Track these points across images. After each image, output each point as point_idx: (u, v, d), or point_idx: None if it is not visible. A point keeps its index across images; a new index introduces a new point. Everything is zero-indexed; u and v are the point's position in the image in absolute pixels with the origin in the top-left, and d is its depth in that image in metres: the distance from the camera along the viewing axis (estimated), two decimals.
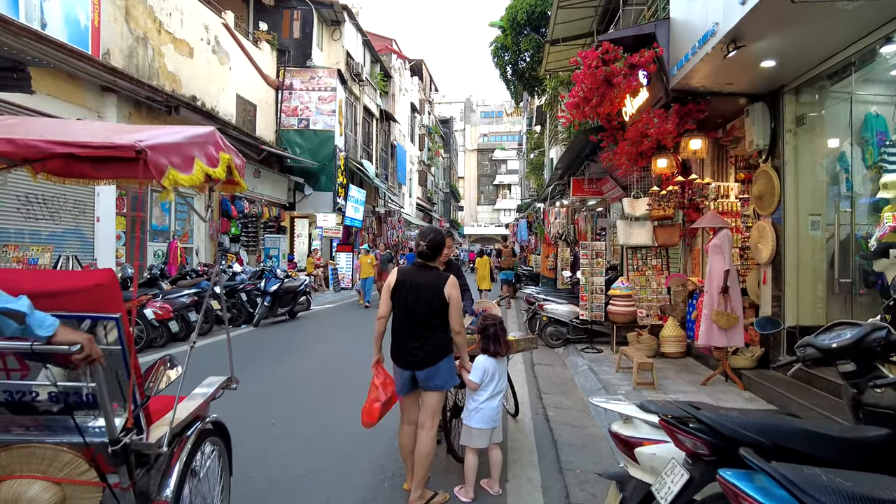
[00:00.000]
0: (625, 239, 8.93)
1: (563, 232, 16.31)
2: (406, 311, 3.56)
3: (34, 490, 2.06)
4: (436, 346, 3.50)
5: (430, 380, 3.52)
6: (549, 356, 8.75)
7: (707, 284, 6.52)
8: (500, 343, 3.73)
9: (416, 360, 3.50)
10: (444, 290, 3.49)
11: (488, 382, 3.67)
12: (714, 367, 7.27)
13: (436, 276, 3.58)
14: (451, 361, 3.60)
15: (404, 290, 3.57)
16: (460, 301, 3.57)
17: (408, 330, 3.55)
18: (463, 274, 4.61)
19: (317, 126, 19.80)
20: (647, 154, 8.30)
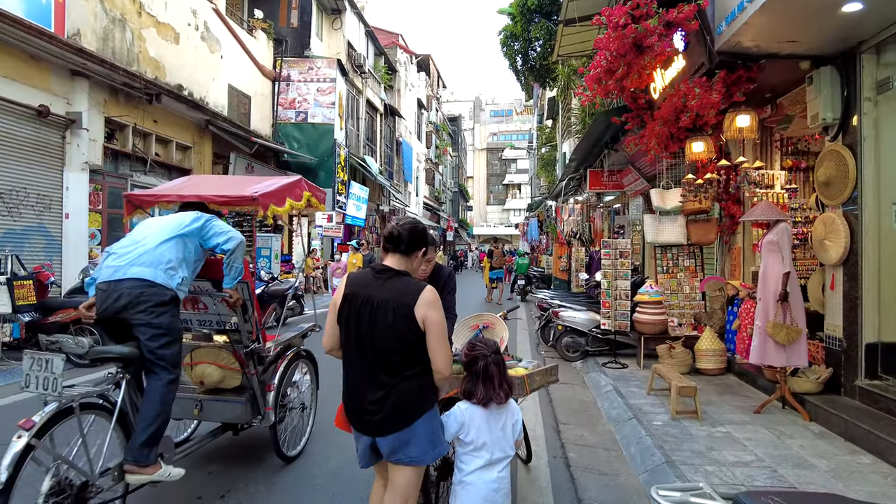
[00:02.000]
0: (653, 236, 7.75)
1: (577, 230, 15.12)
2: (358, 343, 2.35)
3: (210, 370, 3.80)
4: (407, 399, 2.29)
5: (400, 450, 2.30)
6: (567, 372, 7.59)
7: (761, 290, 5.34)
8: (493, 384, 2.46)
9: (375, 420, 2.31)
10: (416, 309, 2.27)
11: (476, 446, 2.44)
12: (762, 386, 6.09)
13: (401, 287, 2.34)
14: (435, 420, 2.40)
15: (354, 312, 2.35)
16: (443, 325, 2.34)
17: (362, 374, 2.35)
18: (454, 281, 3.50)
19: (315, 119, 18.75)
20: (681, 137, 7.13)
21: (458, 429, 2.42)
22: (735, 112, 5.87)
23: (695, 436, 4.64)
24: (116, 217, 11.76)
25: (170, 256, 3.15)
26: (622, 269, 7.46)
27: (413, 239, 2.43)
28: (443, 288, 3.29)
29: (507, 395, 2.49)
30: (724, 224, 7.57)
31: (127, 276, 3.04)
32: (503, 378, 2.49)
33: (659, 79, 6.95)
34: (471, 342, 2.57)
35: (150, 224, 3.36)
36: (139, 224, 3.49)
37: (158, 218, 3.45)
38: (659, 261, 8.06)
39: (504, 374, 2.50)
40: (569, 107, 17.87)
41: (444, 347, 2.30)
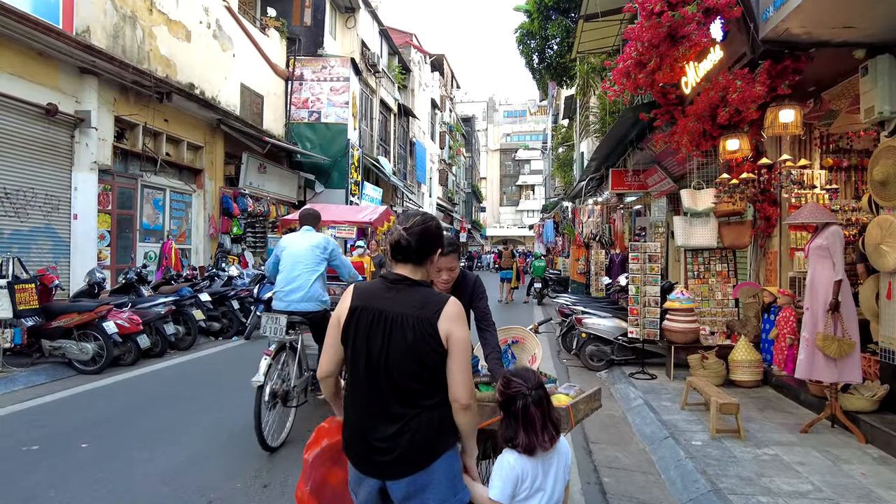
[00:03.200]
0: (684, 239, 7.33)
1: (597, 232, 14.68)
2: (368, 367, 1.96)
3: None
4: (426, 435, 1.91)
5: (417, 496, 1.91)
6: (592, 383, 7.18)
7: (808, 299, 4.92)
8: (536, 428, 1.99)
9: (387, 461, 1.91)
10: (440, 325, 1.90)
11: (524, 498, 2.00)
12: (806, 402, 5.66)
13: (422, 299, 1.96)
14: (456, 461, 2.00)
15: (364, 329, 1.97)
16: (468, 345, 1.95)
17: (372, 404, 1.96)
18: (482, 286, 3.08)
19: (329, 119, 18.48)
20: (714, 134, 6.72)
21: (515, 486, 1.99)
22: (777, 106, 5.44)
23: (740, 459, 4.24)
24: (126, 218, 11.54)
25: (320, 290, 4.93)
26: (651, 274, 7.05)
27: (424, 244, 2.01)
28: (472, 296, 2.94)
29: (554, 438, 2.03)
30: (759, 226, 7.14)
31: (298, 309, 4.82)
32: (548, 419, 2.02)
33: (692, 73, 6.53)
34: (506, 377, 2.09)
35: (296, 258, 4.86)
36: (286, 256, 4.91)
37: (297, 249, 4.91)
38: (689, 265, 7.64)
39: (549, 413, 2.04)
40: (587, 105, 17.43)
41: (467, 371, 1.91)
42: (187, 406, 5.68)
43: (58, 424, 4.99)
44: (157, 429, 4.92)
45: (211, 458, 4.26)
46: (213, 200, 14.31)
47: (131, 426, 4.98)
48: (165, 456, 4.25)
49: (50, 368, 6.85)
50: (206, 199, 14.11)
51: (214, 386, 6.65)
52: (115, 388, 6.35)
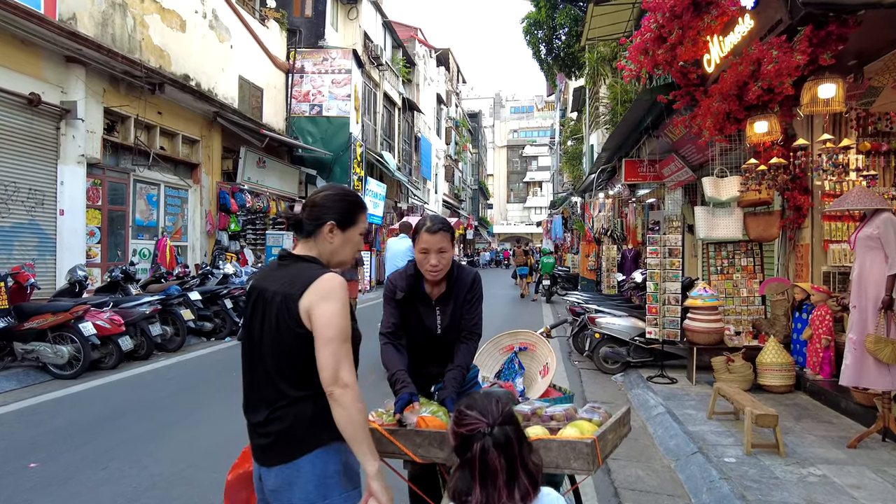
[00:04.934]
0: (706, 231, 6.75)
1: (608, 227, 14.09)
2: (250, 350, 1.82)
3: None
4: (294, 427, 1.72)
5: (283, 491, 1.72)
6: (607, 388, 6.65)
7: (856, 296, 4.35)
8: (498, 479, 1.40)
9: (262, 445, 1.77)
10: (301, 301, 1.69)
11: None
12: (848, 410, 5.09)
13: (294, 274, 1.76)
14: (331, 464, 1.72)
15: (249, 310, 1.84)
16: (337, 322, 1.67)
17: (253, 387, 1.82)
18: (480, 288, 2.49)
19: (330, 112, 17.99)
20: (739, 116, 6.14)
21: None
22: (816, 80, 4.86)
23: (782, 480, 3.69)
24: (118, 214, 11.09)
25: None
26: (671, 270, 6.48)
27: (313, 213, 1.83)
28: (465, 298, 2.41)
29: (529, 495, 1.42)
30: (788, 217, 6.56)
31: None
32: (519, 468, 1.43)
33: (715, 49, 5.96)
34: (459, 410, 1.50)
35: (395, 255, 7.08)
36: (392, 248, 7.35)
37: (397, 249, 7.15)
38: (712, 259, 7.07)
39: (522, 458, 1.45)
40: (597, 96, 16.84)
41: (333, 353, 1.65)
42: (162, 416, 5.19)
43: (13, 438, 4.50)
44: (123, 443, 4.42)
45: (177, 483, 3.74)
46: (210, 196, 13.86)
47: (94, 440, 4.49)
48: (124, 478, 3.74)
49: (22, 373, 6.38)
50: (203, 195, 13.66)
51: (198, 391, 6.16)
52: (89, 394, 5.87)
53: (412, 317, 2.42)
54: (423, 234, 2.32)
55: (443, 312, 2.41)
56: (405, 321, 2.43)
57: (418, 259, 2.36)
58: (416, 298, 2.41)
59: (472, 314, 2.41)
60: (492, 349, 2.84)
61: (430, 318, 2.41)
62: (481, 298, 2.47)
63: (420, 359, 2.45)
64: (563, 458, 1.66)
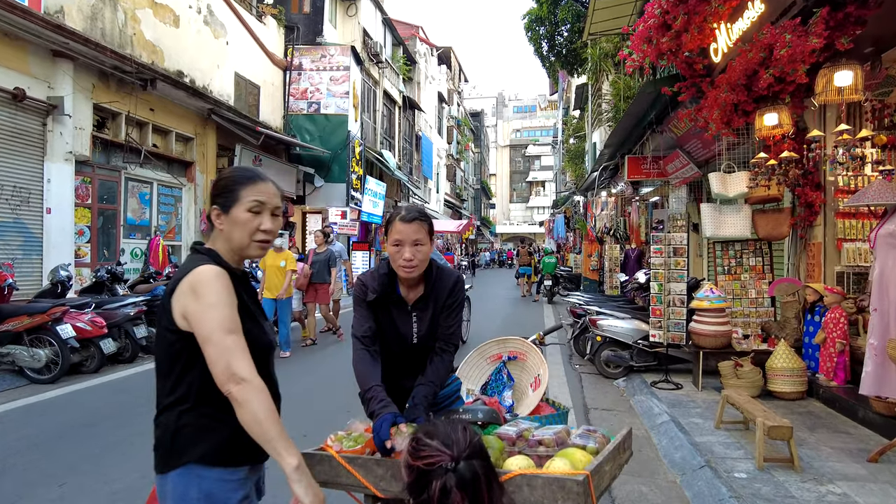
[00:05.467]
0: (713, 230, 6.44)
1: (611, 226, 13.78)
2: None
3: None
4: (160, 439, 1.60)
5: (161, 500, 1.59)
6: (608, 393, 6.35)
7: (877, 298, 4.05)
8: None
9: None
10: (175, 299, 1.54)
11: None
12: (865, 420, 4.77)
13: (179, 270, 1.64)
14: (187, 486, 1.52)
15: None
16: (214, 317, 1.48)
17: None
18: (462, 293, 2.19)
19: (328, 110, 17.71)
20: (748, 109, 5.84)
21: None
22: (832, 67, 4.55)
23: (800, 500, 3.38)
24: (108, 212, 10.83)
25: None
26: (676, 270, 6.18)
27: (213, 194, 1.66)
28: (444, 304, 2.11)
29: None
30: (799, 214, 6.25)
31: None
32: None
33: (723, 37, 5.66)
34: (417, 437, 1.24)
35: None
36: None
37: None
38: (719, 259, 6.76)
39: (490, 500, 1.18)
40: (599, 93, 16.53)
41: (218, 347, 1.46)
42: (138, 423, 4.90)
43: None
44: (90, 454, 4.14)
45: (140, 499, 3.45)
46: (205, 195, 13.58)
47: (58, 452, 4.20)
48: (80, 497, 3.45)
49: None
50: (198, 193, 13.40)
51: None
52: (64, 400, 5.60)
53: (385, 322, 2.14)
54: (397, 223, 2.02)
55: (420, 319, 2.12)
56: (378, 327, 2.14)
57: (391, 253, 2.05)
58: (390, 302, 2.12)
59: (451, 322, 2.11)
60: (478, 359, 2.54)
61: (405, 325, 2.12)
62: (463, 305, 2.18)
63: (393, 371, 2.16)
64: (550, 498, 1.37)
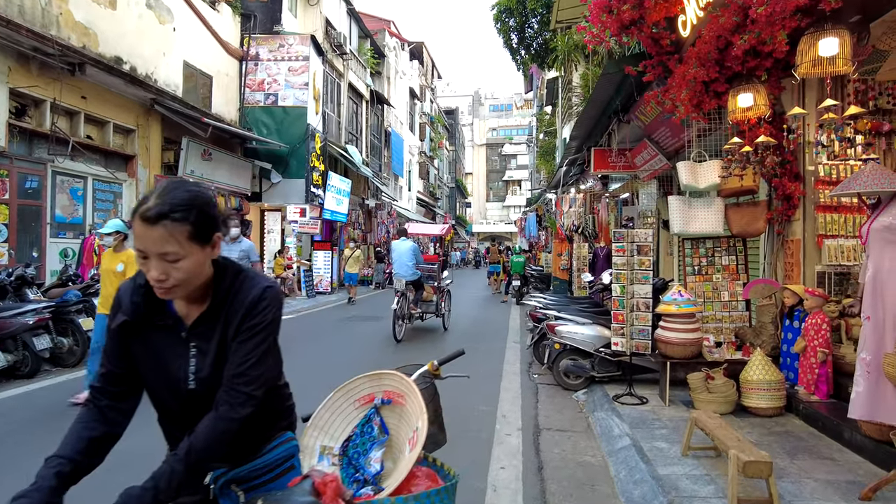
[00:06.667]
0: (682, 225, 5.79)
1: (579, 224, 13.16)
2: None
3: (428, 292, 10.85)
4: None
5: None
6: (565, 408, 5.65)
7: (870, 304, 3.41)
8: None
9: None
10: None
11: None
12: (852, 442, 4.14)
13: None
14: None
15: None
16: None
17: None
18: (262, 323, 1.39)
19: (287, 102, 16.84)
20: (719, 90, 5.19)
21: None
22: (816, 34, 3.91)
23: None
24: (31, 209, 9.84)
25: (415, 267, 9.96)
26: (641, 270, 5.51)
27: None
28: (238, 328, 1.36)
29: None
30: (776, 208, 5.63)
31: (406, 276, 9.81)
32: None
33: (691, 7, 5.00)
34: None
35: (401, 251, 10.02)
36: (397, 249, 10.17)
37: (402, 249, 10.05)
38: (689, 258, 6.11)
39: None
40: (569, 86, 15.92)
41: None
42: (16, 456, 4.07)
43: None
44: None
45: None
46: (148, 190, 12.63)
47: None
48: None
49: None
50: (140, 189, 12.45)
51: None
52: None
53: (146, 357, 1.39)
54: (136, 221, 1.28)
55: (202, 351, 1.37)
56: (136, 365, 1.39)
57: (139, 265, 1.33)
58: (153, 326, 1.37)
59: (243, 358, 1.36)
60: (342, 401, 1.80)
61: (177, 362, 1.38)
62: (271, 334, 1.42)
63: (175, 433, 1.41)
64: None
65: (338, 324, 11.65)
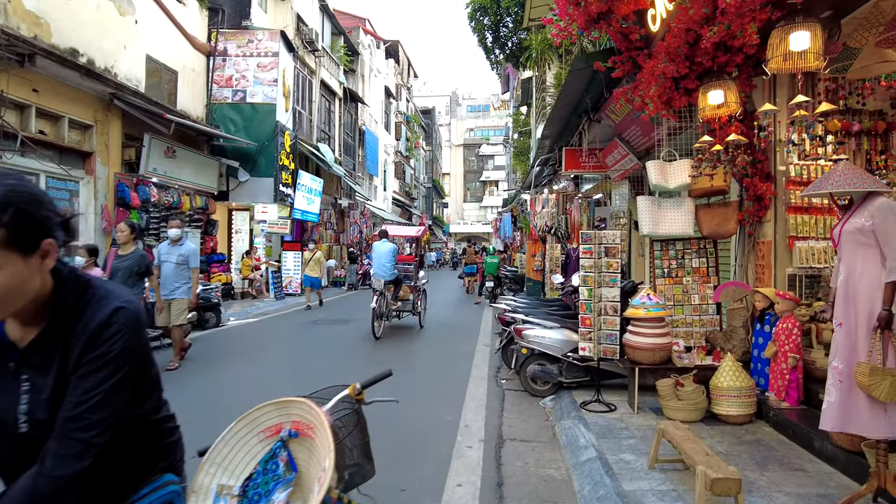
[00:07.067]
0: (651, 227, 5.62)
1: (552, 224, 13.02)
2: None
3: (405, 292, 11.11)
4: None
5: None
6: (531, 417, 5.44)
7: (842, 310, 3.25)
8: None
9: None
10: None
11: None
12: (822, 452, 4.00)
13: None
14: None
15: None
16: None
17: None
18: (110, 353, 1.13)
19: (255, 99, 16.41)
20: (690, 87, 5.03)
21: None
22: (787, 27, 3.75)
23: None
24: None
25: (394, 268, 10.18)
26: (608, 272, 5.31)
27: None
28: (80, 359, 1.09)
29: None
30: (747, 209, 5.49)
31: (385, 276, 9.97)
32: None
33: (661, 1, 4.82)
34: None
35: (381, 252, 10.20)
36: (377, 250, 10.34)
37: (382, 250, 10.24)
38: (658, 260, 5.94)
39: None
40: (543, 86, 15.79)
41: None
42: None
43: None
44: None
45: None
46: (108, 189, 12.14)
47: None
48: None
49: None
50: (99, 188, 11.93)
51: None
52: None
53: None
54: None
55: (36, 386, 1.10)
56: None
57: None
58: None
59: (82, 397, 1.10)
60: (245, 433, 1.53)
61: (5, 397, 1.10)
62: (121, 367, 1.15)
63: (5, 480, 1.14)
64: None
65: (302, 328, 11.26)
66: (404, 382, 6.83)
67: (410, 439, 4.57)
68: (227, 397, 5.79)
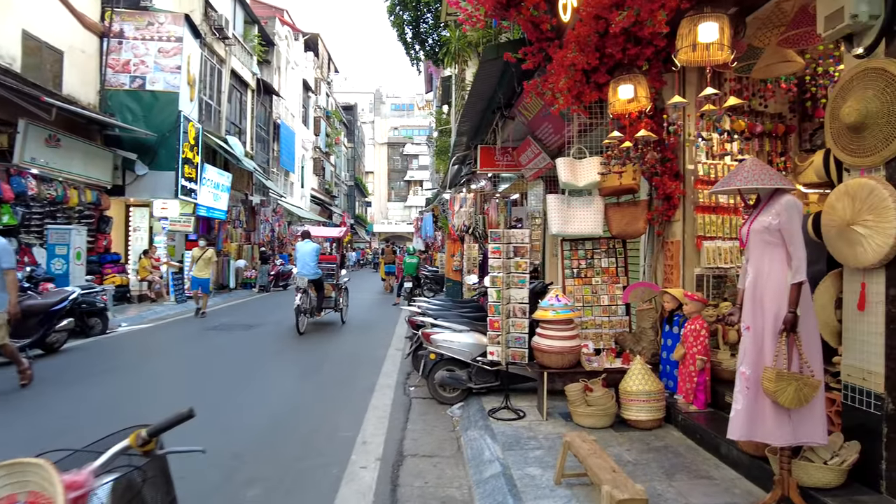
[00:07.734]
0: (560, 226, 5.42)
1: (470, 224, 12.81)
2: None
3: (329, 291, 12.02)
4: None
5: None
6: (436, 428, 5.09)
7: (749, 313, 3.10)
8: None
9: None
10: None
11: None
12: (729, 458, 3.89)
13: None
14: None
15: None
16: None
17: None
18: None
19: (156, 86, 15.19)
20: (601, 81, 4.85)
21: None
22: (695, 17, 3.59)
23: None
24: None
25: (317, 267, 10.71)
26: (517, 274, 5.06)
27: None
28: None
29: None
30: (656, 208, 5.41)
31: (309, 275, 10.48)
32: None
33: None
34: None
35: (304, 252, 10.70)
36: (300, 250, 10.85)
37: (306, 250, 10.74)
38: (567, 260, 5.76)
39: None
40: (463, 84, 15.59)
41: None
42: None
43: None
44: None
45: None
46: None
47: None
48: None
49: None
50: None
51: None
52: None
53: None
54: None
55: None
56: None
57: None
58: None
59: None
60: None
61: None
62: None
63: None
64: None
65: (197, 335, 10.25)
66: (306, 391, 6.32)
67: (297, 461, 4.10)
68: (82, 421, 5.00)
